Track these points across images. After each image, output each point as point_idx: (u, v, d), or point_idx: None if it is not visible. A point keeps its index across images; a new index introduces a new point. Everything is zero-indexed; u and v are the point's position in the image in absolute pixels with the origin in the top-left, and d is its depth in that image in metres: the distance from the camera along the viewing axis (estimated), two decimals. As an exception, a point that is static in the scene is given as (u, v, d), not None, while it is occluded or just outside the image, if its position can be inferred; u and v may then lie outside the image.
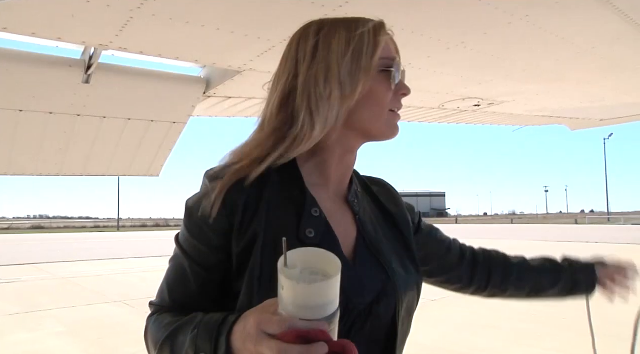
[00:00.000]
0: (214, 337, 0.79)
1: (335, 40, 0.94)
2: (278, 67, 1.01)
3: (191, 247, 0.93)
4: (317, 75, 0.93)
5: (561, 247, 21.08)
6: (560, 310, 7.75)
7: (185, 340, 0.83)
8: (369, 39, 0.95)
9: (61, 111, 2.39)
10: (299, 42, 0.98)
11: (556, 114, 4.24)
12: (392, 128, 1.00)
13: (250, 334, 0.72)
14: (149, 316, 0.96)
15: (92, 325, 7.29)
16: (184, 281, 0.94)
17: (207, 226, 0.90)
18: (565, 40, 2.15)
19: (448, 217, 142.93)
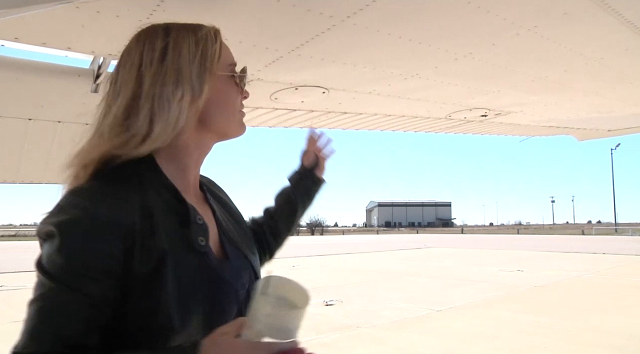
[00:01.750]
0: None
1: (185, 45, 1.00)
2: (119, 71, 1.03)
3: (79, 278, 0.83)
4: (165, 79, 0.96)
5: (568, 258, 20.92)
6: (566, 322, 7.68)
7: None
8: (213, 44, 1.03)
9: (70, 119, 2.40)
10: (144, 46, 1.01)
11: (563, 125, 4.22)
12: (242, 126, 1.09)
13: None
14: None
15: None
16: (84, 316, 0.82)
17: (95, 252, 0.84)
18: (573, 51, 2.14)
19: (454, 227, 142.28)
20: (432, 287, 11.87)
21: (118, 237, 0.84)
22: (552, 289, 11.63)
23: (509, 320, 7.96)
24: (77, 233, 0.82)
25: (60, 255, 0.82)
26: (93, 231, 0.83)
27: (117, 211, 0.85)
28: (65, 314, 0.81)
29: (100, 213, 0.84)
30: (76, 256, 0.82)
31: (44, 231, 0.85)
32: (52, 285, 0.82)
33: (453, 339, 6.76)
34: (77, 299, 0.81)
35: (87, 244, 0.82)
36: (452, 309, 9.10)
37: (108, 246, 0.83)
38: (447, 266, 18.04)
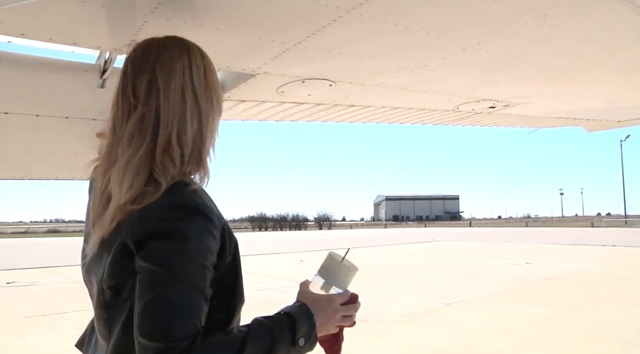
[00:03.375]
0: (305, 320, 1.05)
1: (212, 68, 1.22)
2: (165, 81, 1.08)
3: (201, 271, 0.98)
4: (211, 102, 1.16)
5: (577, 251, 20.82)
6: (576, 315, 7.64)
7: (277, 333, 0.99)
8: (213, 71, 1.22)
9: (77, 115, 2.40)
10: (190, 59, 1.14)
11: (573, 115, 4.18)
12: None
13: (333, 308, 1.12)
14: (187, 350, 0.88)
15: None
16: (202, 299, 0.96)
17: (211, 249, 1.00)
18: (583, 39, 2.11)
19: (462, 220, 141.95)
20: (441, 280, 11.86)
21: (220, 235, 1.02)
22: (562, 282, 11.58)
23: (518, 313, 7.94)
24: (199, 231, 0.97)
25: (186, 251, 0.94)
26: (210, 233, 0.99)
27: (216, 211, 1.04)
28: (199, 301, 0.94)
29: (211, 218, 1.00)
30: (198, 255, 0.95)
31: (160, 231, 0.95)
32: (182, 277, 0.93)
33: (462, 332, 6.75)
34: (198, 292, 0.94)
35: (204, 243, 0.97)
36: (460, 302, 9.08)
37: (217, 241, 1.00)
38: (455, 260, 18.01)
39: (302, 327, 1.03)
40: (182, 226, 0.95)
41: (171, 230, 0.95)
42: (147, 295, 0.91)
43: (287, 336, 1.00)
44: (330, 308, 1.12)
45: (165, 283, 0.92)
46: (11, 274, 14.92)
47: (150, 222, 0.96)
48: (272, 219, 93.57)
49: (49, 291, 11.43)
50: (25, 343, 6.55)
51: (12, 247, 32.23)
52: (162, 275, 0.92)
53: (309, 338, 1.04)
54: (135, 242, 0.95)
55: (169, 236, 0.94)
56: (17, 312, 8.81)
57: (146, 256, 0.94)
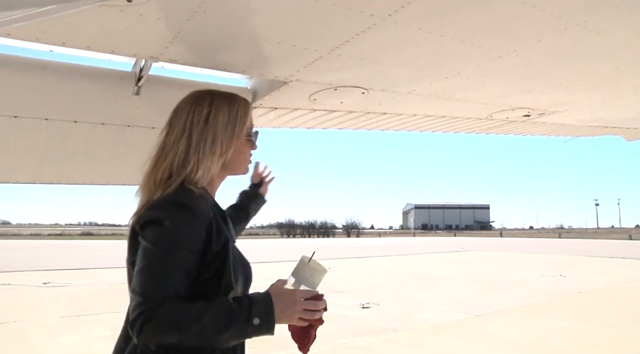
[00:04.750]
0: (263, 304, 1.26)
1: (221, 114, 1.44)
2: (175, 123, 1.48)
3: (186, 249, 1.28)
4: (206, 138, 1.41)
5: (614, 264, 20.18)
6: (612, 331, 7.39)
7: (234, 310, 1.22)
8: (241, 115, 1.48)
9: (112, 122, 2.46)
10: (195, 109, 1.46)
11: (611, 124, 4.06)
12: (247, 169, 1.59)
13: (292, 299, 1.30)
14: (154, 307, 1.17)
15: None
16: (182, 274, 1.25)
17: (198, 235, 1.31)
18: (623, 45, 2.05)
19: (492, 230, 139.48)
20: (471, 291, 11.65)
21: (205, 228, 1.30)
22: (596, 296, 11.22)
23: (550, 327, 7.72)
24: (182, 221, 1.27)
25: (173, 234, 1.25)
26: (193, 224, 1.28)
27: (204, 209, 1.32)
28: (176, 273, 1.23)
29: (195, 213, 1.29)
30: (180, 239, 1.25)
31: (154, 218, 1.27)
32: (164, 253, 1.23)
33: (491, 345, 6.60)
34: (176, 267, 1.23)
35: (187, 231, 1.27)
36: (490, 314, 8.89)
37: (201, 233, 1.29)
38: (485, 270, 17.68)
39: (259, 308, 1.24)
40: (171, 216, 1.27)
41: (163, 218, 1.26)
42: (140, 264, 1.24)
43: (243, 314, 1.22)
44: (290, 298, 1.30)
45: (152, 256, 1.24)
46: (47, 274, 15.31)
47: (150, 212, 1.29)
48: (300, 226, 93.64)
49: (83, 293, 11.68)
50: (60, 342, 6.69)
51: (48, 249, 33.12)
52: (151, 251, 1.24)
53: (265, 319, 1.23)
54: (140, 227, 1.29)
55: (161, 223, 1.26)
56: (52, 312, 9.02)
57: (144, 236, 1.27)
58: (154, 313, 1.16)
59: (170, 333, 1.18)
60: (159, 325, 1.17)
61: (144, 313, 1.16)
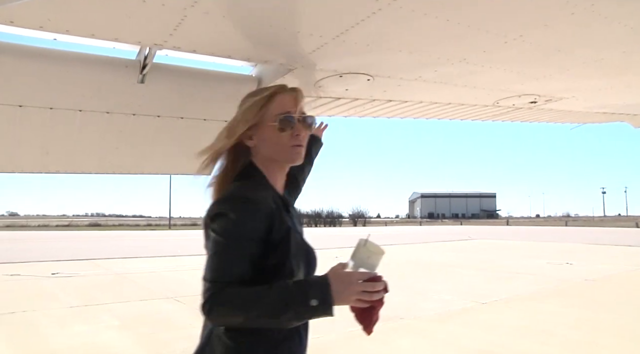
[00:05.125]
0: (320, 286, 1.31)
1: (245, 105, 1.57)
2: None
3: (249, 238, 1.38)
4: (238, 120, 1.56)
5: (621, 252, 20.12)
6: (619, 318, 7.38)
7: (293, 293, 1.30)
8: (261, 106, 1.52)
9: (117, 110, 2.45)
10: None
11: (619, 111, 4.02)
12: (294, 156, 1.55)
13: (349, 281, 1.34)
14: (219, 290, 1.30)
15: (145, 320, 7.50)
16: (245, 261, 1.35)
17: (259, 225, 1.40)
18: (634, 29, 2.02)
19: (498, 218, 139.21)
20: (477, 279, 11.65)
21: (266, 220, 1.39)
22: (604, 284, 11.20)
23: (558, 314, 7.72)
24: (245, 213, 1.37)
25: (237, 226, 1.36)
26: (254, 217, 1.38)
27: (265, 202, 1.42)
28: (240, 261, 1.34)
29: (256, 202, 1.40)
30: (243, 230, 1.36)
31: (220, 212, 1.38)
32: (229, 243, 1.35)
33: (498, 333, 6.61)
34: (239, 254, 1.34)
35: (249, 222, 1.37)
36: (497, 302, 8.90)
37: (262, 224, 1.38)
38: (492, 258, 17.67)
39: (316, 290, 1.30)
40: (235, 209, 1.37)
41: (227, 212, 1.37)
42: (209, 252, 1.38)
43: (301, 296, 1.29)
44: (347, 280, 1.35)
45: (219, 246, 1.35)
46: (55, 265, 15.43)
47: (217, 206, 1.42)
48: (306, 215, 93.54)
49: (90, 283, 11.77)
50: (69, 332, 6.76)
51: (56, 240, 33.37)
52: (217, 241, 1.36)
53: (322, 301, 1.29)
54: (210, 219, 1.41)
55: (226, 215, 1.37)
56: (61, 302, 9.10)
57: (212, 227, 1.39)
58: (219, 296, 1.29)
59: (235, 314, 1.30)
60: (224, 307, 1.29)
61: (211, 297, 1.29)
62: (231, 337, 1.37)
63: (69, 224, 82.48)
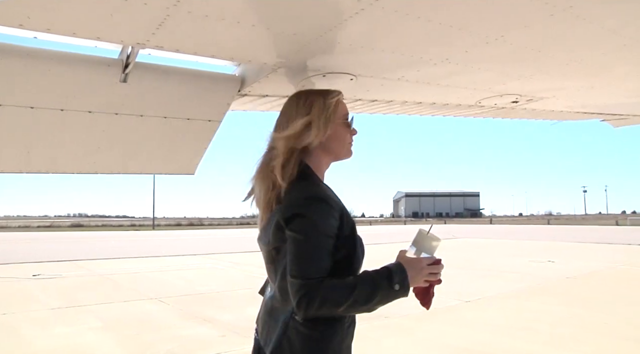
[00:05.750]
0: (400, 272, 1.52)
1: (317, 104, 1.71)
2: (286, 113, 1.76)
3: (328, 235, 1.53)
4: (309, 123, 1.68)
5: (601, 249, 20.44)
6: (599, 314, 7.51)
7: (379, 280, 1.49)
8: (334, 106, 1.74)
9: (100, 109, 2.43)
10: (298, 102, 1.74)
11: (599, 111, 4.09)
12: (350, 153, 1.80)
13: (420, 266, 1.58)
14: (315, 286, 1.43)
15: (129, 321, 7.45)
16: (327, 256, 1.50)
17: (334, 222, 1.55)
18: (611, 31, 2.06)
19: (482, 217, 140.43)
20: (461, 278, 11.74)
21: (338, 217, 1.54)
22: (585, 281, 11.38)
23: (540, 312, 7.83)
24: (321, 212, 1.52)
25: (317, 224, 1.49)
26: (330, 214, 1.53)
27: (336, 200, 1.60)
28: (324, 256, 1.49)
29: (331, 204, 1.55)
30: (321, 227, 1.50)
31: (298, 213, 1.51)
32: (312, 241, 1.48)
33: (482, 330, 6.68)
34: (323, 250, 1.49)
35: (326, 220, 1.51)
36: (481, 300, 9.00)
37: (336, 221, 1.53)
38: (475, 257, 17.84)
39: (397, 276, 1.50)
40: (311, 208, 1.51)
41: (304, 211, 1.50)
42: (292, 252, 1.48)
43: (385, 282, 1.49)
44: (418, 265, 1.57)
45: (303, 244, 1.47)
46: (37, 266, 15.23)
47: (293, 208, 1.52)
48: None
49: (73, 284, 11.63)
50: (51, 334, 6.68)
51: (38, 241, 32.90)
52: (300, 240, 1.48)
53: (402, 284, 1.50)
54: (284, 220, 1.52)
55: (304, 215, 1.49)
56: (43, 303, 8.99)
57: (291, 228, 1.49)
58: (316, 291, 1.42)
59: (330, 306, 1.44)
60: (321, 302, 1.42)
61: (308, 293, 1.42)
62: (310, 327, 1.49)
63: (50, 225, 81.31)
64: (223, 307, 8.44)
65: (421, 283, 1.59)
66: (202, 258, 18.45)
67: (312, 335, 1.50)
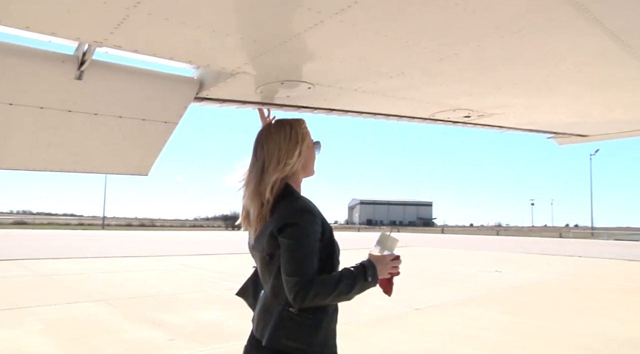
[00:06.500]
0: (371, 267, 1.89)
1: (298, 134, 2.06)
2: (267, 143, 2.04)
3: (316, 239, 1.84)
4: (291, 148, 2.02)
5: (545, 260, 21.24)
6: (542, 323, 7.81)
7: (356, 274, 1.84)
8: (307, 134, 2.10)
9: (52, 106, 2.36)
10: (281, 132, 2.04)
11: (545, 128, 4.28)
12: (314, 171, 2.16)
13: (386, 261, 1.96)
14: (309, 282, 1.73)
15: (74, 324, 7.21)
16: (316, 257, 1.81)
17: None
18: (556, 56, 2.18)
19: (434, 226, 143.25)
20: (412, 286, 11.96)
21: (320, 224, 1.86)
22: (529, 291, 11.80)
23: (487, 319, 8.07)
24: (309, 221, 1.83)
25: (306, 232, 1.80)
26: (316, 222, 1.85)
27: (318, 211, 1.91)
28: (313, 257, 1.79)
29: (315, 215, 1.87)
30: (310, 233, 1.81)
31: (289, 223, 1.81)
32: (303, 245, 1.78)
33: (432, 337, 6.83)
34: (312, 252, 1.79)
35: (313, 228, 1.83)
36: (431, 307, 9.19)
37: (319, 227, 1.85)
38: (426, 265, 18.20)
39: (369, 270, 1.87)
40: (301, 219, 1.81)
41: (295, 221, 1.80)
42: (287, 255, 1.77)
43: (361, 275, 1.84)
44: (384, 261, 1.96)
45: (295, 248, 1.77)
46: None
47: (285, 219, 1.82)
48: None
49: (14, 285, 11.16)
50: (-12, 337, 6.38)
51: (-22, 238, 31.35)
52: (293, 245, 1.77)
53: (373, 277, 1.87)
54: (277, 230, 1.80)
55: (295, 225, 1.80)
56: (-21, 305, 8.58)
57: (284, 236, 1.78)
58: (309, 287, 1.72)
59: (321, 298, 1.74)
60: (314, 295, 1.72)
61: (303, 289, 1.71)
62: (302, 316, 1.78)
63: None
64: (173, 310, 8.29)
65: (386, 275, 1.97)
66: (153, 260, 18.05)
67: (305, 321, 1.79)
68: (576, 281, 13.99)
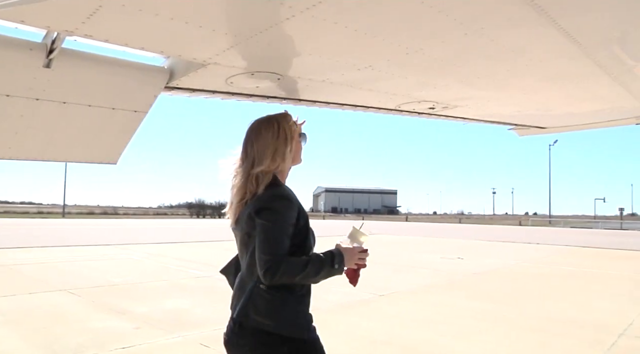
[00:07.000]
0: (339, 256, 2.01)
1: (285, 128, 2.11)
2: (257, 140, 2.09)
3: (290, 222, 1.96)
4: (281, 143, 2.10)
5: (505, 247, 21.90)
6: (502, 307, 8.11)
7: (324, 260, 1.96)
8: (294, 126, 2.16)
9: (19, 94, 2.34)
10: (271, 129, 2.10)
11: (505, 120, 4.45)
12: (301, 160, 2.25)
13: (353, 252, 2.09)
14: (279, 261, 1.85)
15: (35, 314, 7.08)
16: (288, 239, 1.92)
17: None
18: (515, 52, 2.29)
19: (399, 214, 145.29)
20: (377, 273, 12.17)
21: (297, 211, 1.98)
22: (489, 277, 12.19)
23: (449, 305, 8.32)
24: (285, 206, 1.96)
25: (281, 215, 1.93)
26: (292, 208, 1.97)
27: (295, 198, 2.03)
28: (285, 239, 1.91)
29: (291, 201, 1.99)
30: (284, 217, 1.93)
31: (267, 206, 1.93)
32: (277, 227, 1.90)
33: (395, 323, 7.01)
34: (285, 235, 1.91)
35: (288, 213, 1.95)
36: (394, 294, 9.40)
37: (295, 213, 1.97)
38: (391, 253, 18.51)
39: (337, 258, 1.99)
40: (277, 204, 1.94)
41: (271, 205, 1.93)
42: (262, 235, 1.89)
43: (329, 262, 1.96)
44: (352, 252, 2.09)
45: (270, 229, 1.89)
46: None
47: (263, 203, 1.94)
48: (210, 206, 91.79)
49: (-29, 274, 10.83)
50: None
51: None
52: (268, 226, 1.89)
53: (340, 265, 2.00)
54: (255, 212, 1.93)
55: (270, 208, 1.92)
56: None
57: (260, 217, 1.91)
58: (279, 265, 1.84)
59: (289, 277, 1.86)
60: (282, 272, 1.84)
61: (273, 266, 1.83)
62: (270, 293, 1.90)
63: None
64: (138, 298, 8.23)
65: (352, 265, 2.10)
66: (116, 248, 17.77)
67: (273, 300, 1.91)
68: (533, 267, 14.52)
